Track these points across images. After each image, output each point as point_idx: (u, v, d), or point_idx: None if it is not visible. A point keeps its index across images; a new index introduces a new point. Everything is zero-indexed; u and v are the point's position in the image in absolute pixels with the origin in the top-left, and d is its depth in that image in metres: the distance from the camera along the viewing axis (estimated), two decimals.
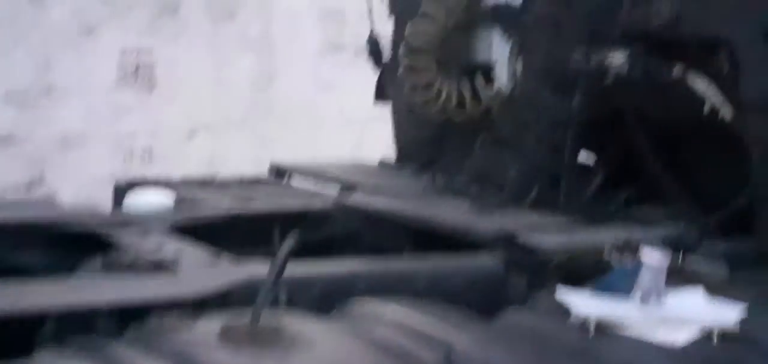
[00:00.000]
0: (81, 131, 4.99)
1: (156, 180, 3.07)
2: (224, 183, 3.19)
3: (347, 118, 5.56)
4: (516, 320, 1.86)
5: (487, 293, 2.12)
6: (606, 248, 2.12)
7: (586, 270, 2.08)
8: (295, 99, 5.55)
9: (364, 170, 3.35)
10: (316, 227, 2.66)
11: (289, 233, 2.54)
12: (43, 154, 4.92)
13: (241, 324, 1.69)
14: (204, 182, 3.16)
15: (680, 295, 1.94)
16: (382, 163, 3.47)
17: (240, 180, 3.22)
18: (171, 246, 2.21)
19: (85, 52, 4.98)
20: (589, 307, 1.82)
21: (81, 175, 4.96)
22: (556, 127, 2.65)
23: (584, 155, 2.76)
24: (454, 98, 2.95)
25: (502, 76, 2.92)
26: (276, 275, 1.74)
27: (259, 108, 5.49)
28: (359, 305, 1.88)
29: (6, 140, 4.83)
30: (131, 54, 5.11)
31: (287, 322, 1.73)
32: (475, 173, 2.80)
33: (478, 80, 2.92)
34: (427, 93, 2.95)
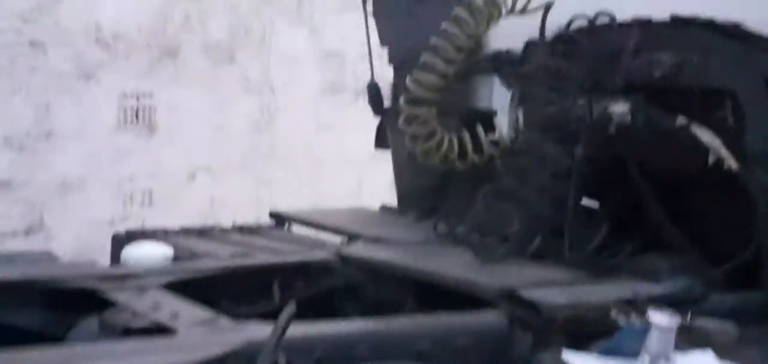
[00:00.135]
0: (80, 175, 4.97)
1: (154, 230, 3.04)
2: (224, 232, 3.16)
3: (347, 159, 5.54)
4: None
5: (492, 352, 2.08)
6: (612, 307, 2.08)
7: (592, 328, 2.05)
8: (295, 141, 5.53)
9: (365, 217, 3.32)
10: (317, 279, 2.63)
11: (290, 290, 2.51)
12: (42, 199, 4.89)
13: None
14: (203, 232, 3.13)
15: (689, 358, 1.90)
16: (384, 209, 3.44)
17: (240, 228, 3.20)
18: (168, 306, 2.18)
19: (85, 96, 4.96)
20: None
21: (80, 220, 4.94)
22: (559, 177, 2.61)
23: (587, 201, 2.73)
24: (455, 148, 2.93)
25: (504, 123, 2.90)
26: (276, 342, 1.70)
27: (259, 150, 5.47)
28: None
29: (5, 185, 4.80)
30: (131, 98, 5.09)
31: None
32: (477, 223, 2.77)
33: (479, 130, 2.90)
34: (429, 143, 2.93)
